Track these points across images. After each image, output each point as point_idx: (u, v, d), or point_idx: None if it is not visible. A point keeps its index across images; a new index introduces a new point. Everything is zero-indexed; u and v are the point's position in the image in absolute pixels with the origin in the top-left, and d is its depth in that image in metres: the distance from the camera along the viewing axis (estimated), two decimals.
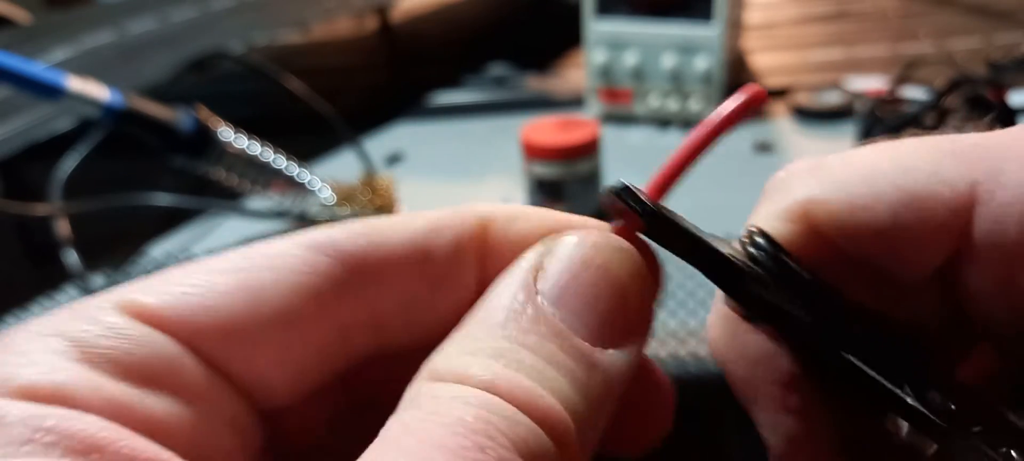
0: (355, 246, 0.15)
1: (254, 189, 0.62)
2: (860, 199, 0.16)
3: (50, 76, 0.49)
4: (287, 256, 0.15)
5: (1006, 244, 0.15)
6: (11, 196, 0.63)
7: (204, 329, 0.14)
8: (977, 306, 0.16)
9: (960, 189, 0.15)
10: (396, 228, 0.16)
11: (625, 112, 0.84)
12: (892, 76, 0.79)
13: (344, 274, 0.15)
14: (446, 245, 0.16)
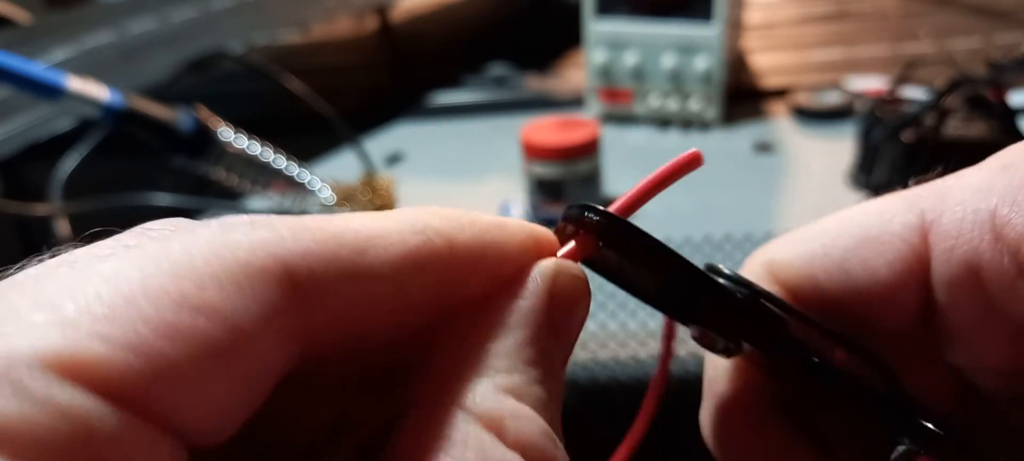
0: (331, 273, 0.13)
1: (254, 189, 0.62)
2: (816, 247, 0.17)
3: (50, 76, 0.49)
4: (247, 284, 0.12)
5: (966, 255, 0.15)
6: (11, 196, 0.63)
7: (144, 379, 0.10)
8: (962, 352, 0.16)
9: (910, 220, 0.16)
10: (374, 253, 0.13)
11: (625, 112, 0.84)
12: (892, 76, 0.79)
13: (307, 303, 0.12)
14: (391, 260, 0.14)
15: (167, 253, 0.12)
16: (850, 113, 0.79)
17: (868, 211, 0.17)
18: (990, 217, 0.15)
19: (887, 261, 0.16)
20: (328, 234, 0.13)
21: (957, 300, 0.16)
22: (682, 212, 0.65)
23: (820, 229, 0.17)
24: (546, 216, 0.64)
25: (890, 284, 0.16)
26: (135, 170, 0.68)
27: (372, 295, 0.13)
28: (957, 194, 0.16)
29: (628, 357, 0.47)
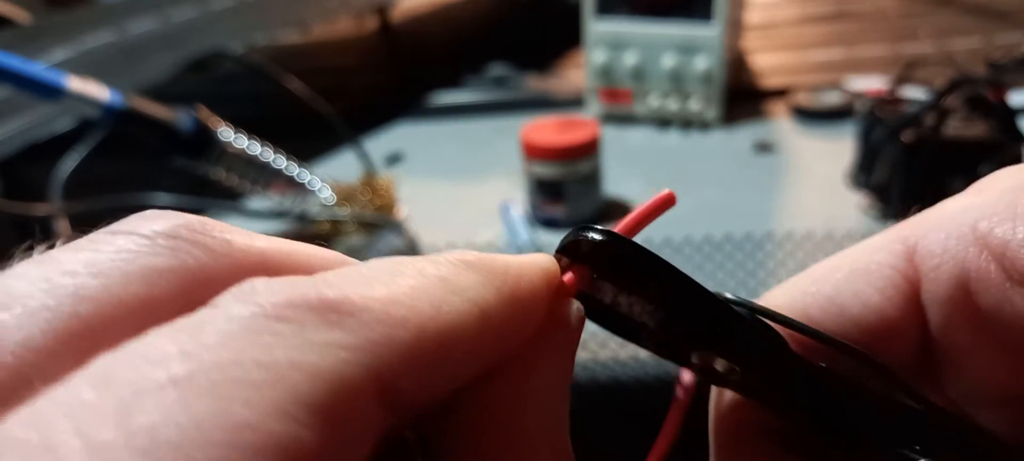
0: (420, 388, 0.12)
1: (254, 189, 0.62)
2: (804, 288, 0.17)
3: (50, 76, 0.49)
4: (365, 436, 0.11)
5: (955, 271, 0.15)
6: (11, 196, 0.63)
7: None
8: (964, 377, 0.16)
9: (895, 247, 0.16)
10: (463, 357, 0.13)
11: (625, 112, 0.84)
12: (892, 76, 0.79)
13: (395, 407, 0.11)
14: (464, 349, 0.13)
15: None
16: (850, 113, 0.79)
17: (854, 249, 0.17)
18: (972, 230, 0.15)
19: (877, 288, 0.16)
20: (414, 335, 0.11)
21: (950, 319, 0.16)
22: (682, 212, 0.65)
23: (809, 273, 0.18)
24: (546, 216, 0.64)
25: (884, 311, 0.16)
26: (135, 170, 0.68)
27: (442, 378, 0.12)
28: (937, 217, 0.16)
29: (628, 357, 0.47)
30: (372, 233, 0.61)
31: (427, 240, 0.62)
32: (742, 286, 0.53)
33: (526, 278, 0.14)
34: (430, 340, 0.12)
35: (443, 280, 0.13)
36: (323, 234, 0.62)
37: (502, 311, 0.13)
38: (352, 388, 0.10)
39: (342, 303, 0.11)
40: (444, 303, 0.12)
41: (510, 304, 0.13)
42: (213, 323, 0.10)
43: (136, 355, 0.09)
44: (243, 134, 0.60)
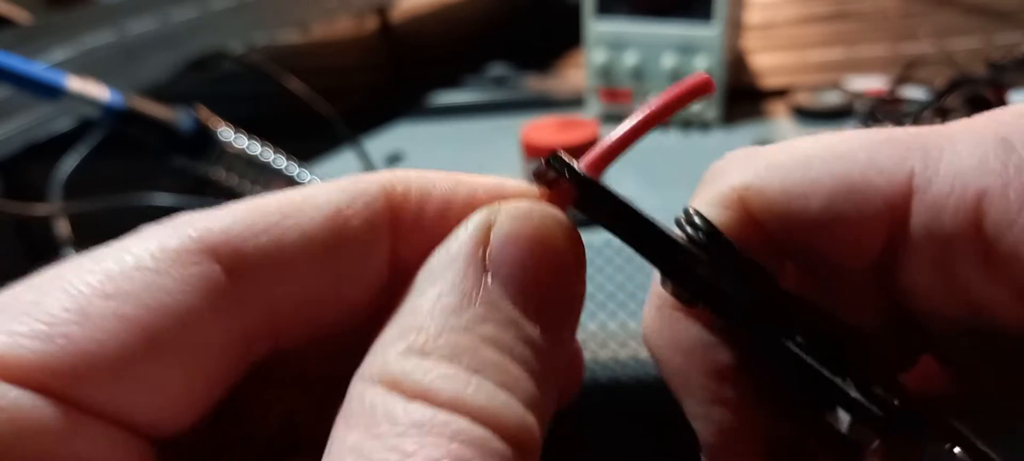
0: (254, 247, 0.13)
1: (254, 189, 0.61)
2: (796, 186, 0.16)
3: (50, 76, 0.49)
4: (174, 271, 0.12)
5: (942, 233, 0.14)
6: (11, 196, 0.63)
7: (82, 378, 0.11)
8: (916, 302, 0.16)
9: (897, 178, 0.15)
10: (297, 215, 0.13)
11: (625, 112, 0.84)
12: (892, 76, 0.79)
13: (242, 281, 0.12)
14: (356, 232, 0.14)
15: (103, 254, 0.12)
16: (850, 113, 0.79)
17: (857, 154, 0.15)
18: (976, 200, 0.14)
19: (864, 215, 0.15)
20: (248, 207, 0.13)
21: (920, 265, 0.15)
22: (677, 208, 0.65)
23: (804, 161, 0.16)
24: None
25: (858, 237, 0.16)
26: (135, 170, 0.68)
27: (305, 265, 0.13)
28: (948, 163, 0.14)
29: (628, 357, 0.47)
30: None
31: None
32: None
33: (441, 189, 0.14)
34: (267, 215, 0.13)
35: (333, 182, 0.14)
36: None
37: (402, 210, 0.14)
38: (172, 245, 0.12)
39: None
40: (303, 192, 0.14)
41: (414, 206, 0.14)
42: None
43: None
44: (243, 134, 0.60)
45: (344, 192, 0.14)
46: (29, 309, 0.11)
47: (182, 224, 0.12)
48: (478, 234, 0.13)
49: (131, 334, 0.11)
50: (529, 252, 0.13)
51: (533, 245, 0.13)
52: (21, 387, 0.10)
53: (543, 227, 0.13)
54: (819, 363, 0.15)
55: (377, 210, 0.14)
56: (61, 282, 0.12)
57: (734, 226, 0.16)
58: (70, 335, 0.11)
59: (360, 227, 0.13)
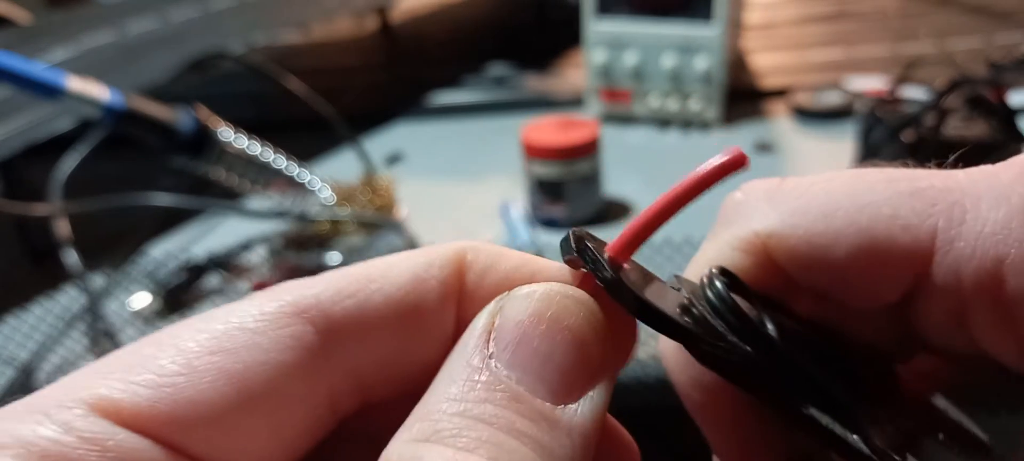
0: (342, 310, 0.14)
1: (254, 189, 0.62)
2: (819, 238, 0.16)
3: (50, 76, 0.49)
4: (270, 332, 0.13)
5: (960, 292, 0.15)
6: (11, 196, 0.63)
7: (188, 425, 0.12)
8: (928, 332, 0.16)
9: (920, 235, 0.15)
10: (380, 281, 0.14)
11: (625, 112, 0.84)
12: (892, 76, 0.79)
13: (331, 342, 0.14)
14: (432, 298, 0.15)
15: (213, 315, 0.14)
16: (850, 113, 0.79)
17: (880, 208, 0.15)
18: (997, 266, 0.14)
19: (885, 271, 0.15)
20: (338, 274, 0.14)
21: (937, 317, 0.16)
22: (682, 212, 0.65)
23: (823, 206, 0.16)
24: (546, 216, 0.64)
25: (878, 288, 0.16)
26: (135, 170, 0.68)
27: (386, 326, 0.14)
28: (971, 226, 0.14)
29: None
30: (372, 233, 0.61)
31: (427, 240, 0.62)
32: None
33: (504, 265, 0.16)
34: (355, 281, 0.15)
35: (414, 251, 0.15)
36: (323, 234, 0.62)
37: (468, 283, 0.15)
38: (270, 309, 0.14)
39: None
40: (388, 259, 0.15)
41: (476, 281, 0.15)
42: None
43: None
44: (243, 134, 0.60)
45: (422, 259, 0.15)
46: (145, 362, 0.13)
47: (280, 290, 0.14)
48: (487, 321, 0.14)
49: (230, 386, 0.13)
50: (532, 330, 0.14)
51: (536, 324, 0.14)
52: (130, 430, 0.12)
53: (549, 305, 0.14)
54: (834, 411, 0.16)
55: (449, 274, 0.15)
56: (175, 339, 0.13)
57: (755, 271, 0.17)
58: (177, 386, 0.12)
59: (435, 291, 0.15)
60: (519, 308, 0.14)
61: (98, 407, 0.12)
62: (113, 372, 0.12)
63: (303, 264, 0.60)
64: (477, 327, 0.14)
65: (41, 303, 0.59)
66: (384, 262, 0.15)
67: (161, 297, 0.58)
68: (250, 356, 0.13)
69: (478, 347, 0.14)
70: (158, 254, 0.63)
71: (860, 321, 0.17)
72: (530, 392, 0.13)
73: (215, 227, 0.69)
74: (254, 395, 0.13)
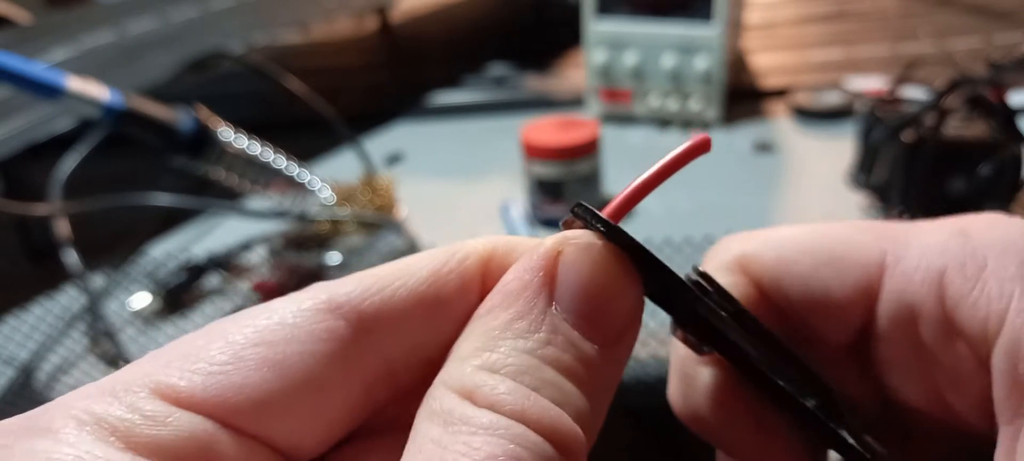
0: (371, 305, 0.15)
1: (254, 189, 0.61)
2: (787, 254, 0.19)
3: (50, 76, 0.49)
4: (307, 326, 0.15)
5: (910, 303, 0.18)
6: (11, 196, 0.63)
7: (237, 407, 0.14)
8: (890, 378, 0.19)
9: (872, 256, 0.18)
10: (404, 277, 0.16)
11: (625, 112, 0.84)
12: (892, 76, 0.79)
13: (362, 334, 0.15)
14: (453, 287, 0.16)
15: (256, 312, 0.15)
16: (850, 113, 0.79)
17: (839, 234, 0.19)
18: (939, 276, 0.17)
19: (845, 283, 0.18)
20: (367, 274, 0.16)
21: (892, 334, 0.18)
22: (682, 212, 0.65)
23: (794, 237, 0.20)
24: (546, 216, 0.64)
25: (841, 303, 0.19)
26: (135, 170, 0.68)
27: (411, 316, 0.16)
28: (916, 248, 0.18)
29: None
30: (372, 233, 0.61)
31: (427, 240, 0.62)
32: None
33: (518, 247, 0.17)
34: (381, 278, 0.16)
35: (436, 250, 0.17)
36: (323, 234, 0.62)
37: (489, 266, 0.17)
38: (306, 305, 0.16)
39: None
40: (412, 257, 0.17)
41: (495, 263, 0.17)
42: None
43: None
44: (243, 134, 0.60)
45: (442, 255, 0.17)
46: (198, 352, 0.15)
47: (316, 288, 0.16)
48: (547, 262, 0.15)
49: (272, 373, 0.14)
50: (591, 281, 0.15)
51: (594, 275, 0.15)
52: (189, 411, 0.14)
53: (602, 258, 0.16)
54: (808, 403, 0.18)
55: (469, 266, 0.16)
56: (224, 333, 0.15)
57: (736, 288, 0.20)
58: (226, 372, 0.14)
59: (454, 283, 0.16)
60: (580, 259, 0.15)
61: (158, 391, 0.14)
62: (171, 362, 0.14)
63: (303, 264, 0.60)
64: (536, 265, 0.15)
65: (41, 303, 0.59)
66: (410, 259, 0.17)
67: (161, 297, 0.58)
68: (289, 348, 0.15)
69: (541, 292, 0.15)
70: (158, 254, 0.63)
71: (839, 379, 0.20)
72: (584, 337, 0.15)
73: (215, 227, 0.69)
74: (295, 381, 0.14)
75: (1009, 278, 0.16)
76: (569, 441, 0.14)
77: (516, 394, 0.14)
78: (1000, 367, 0.16)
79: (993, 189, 0.54)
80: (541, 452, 0.13)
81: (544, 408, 0.14)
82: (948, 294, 0.17)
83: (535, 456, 0.13)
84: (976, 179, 0.54)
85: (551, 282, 0.15)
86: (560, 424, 0.14)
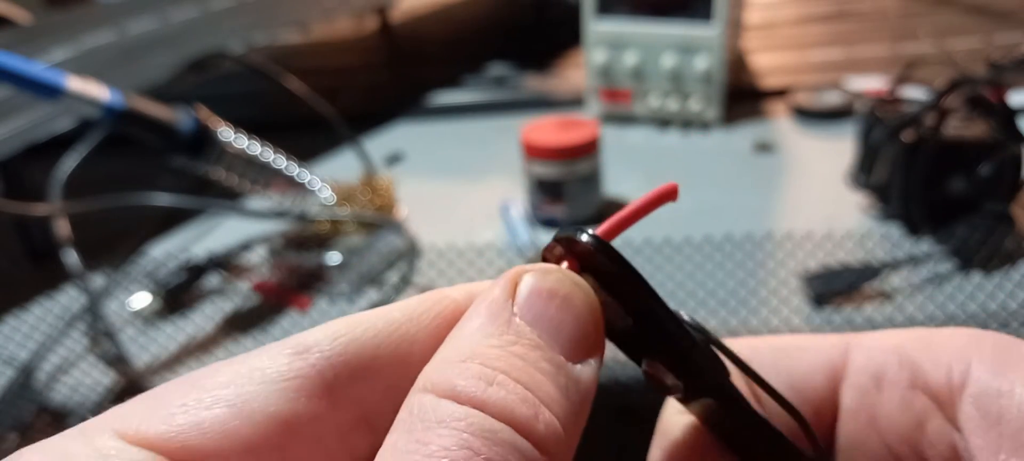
0: (339, 348, 0.16)
1: (254, 189, 0.62)
2: (756, 345, 0.21)
3: (50, 76, 0.49)
4: (275, 369, 0.15)
5: (876, 371, 0.19)
6: (11, 196, 0.63)
7: (200, 448, 0.14)
8: (854, 456, 0.20)
9: (835, 341, 0.20)
10: (374, 321, 0.16)
11: (625, 112, 0.84)
12: (892, 76, 0.79)
13: (331, 378, 0.15)
14: (427, 331, 0.16)
15: (231, 362, 0.15)
16: (850, 113, 0.79)
17: (806, 336, 0.21)
18: (899, 346, 0.19)
19: (810, 363, 0.20)
20: (338, 322, 0.16)
21: (859, 407, 0.19)
22: (682, 212, 0.65)
23: (762, 339, 0.21)
24: (546, 216, 0.64)
25: (809, 383, 0.20)
26: (135, 170, 0.68)
27: (380, 361, 0.16)
28: (877, 335, 0.20)
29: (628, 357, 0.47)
30: (372, 233, 0.61)
31: (427, 240, 0.62)
32: (742, 286, 0.53)
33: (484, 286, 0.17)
34: (359, 323, 0.16)
35: (404, 302, 0.17)
36: (323, 234, 0.62)
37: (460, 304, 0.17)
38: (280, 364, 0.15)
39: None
40: (398, 304, 0.17)
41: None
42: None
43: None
44: (243, 134, 0.60)
45: (416, 301, 0.17)
46: (167, 396, 0.15)
47: (288, 341, 0.16)
48: (508, 286, 0.16)
49: (235, 415, 0.14)
50: (548, 299, 0.16)
51: (551, 294, 0.16)
52: (149, 450, 0.14)
53: (559, 281, 0.16)
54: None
55: (443, 310, 0.17)
56: (194, 382, 0.15)
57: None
58: (188, 413, 0.14)
59: (428, 326, 0.16)
60: (535, 282, 0.16)
61: (119, 431, 0.14)
62: (138, 404, 0.15)
63: (303, 264, 0.60)
64: (498, 292, 0.16)
65: (41, 303, 0.59)
66: (388, 306, 0.17)
67: (161, 297, 0.58)
68: (255, 389, 0.15)
69: (503, 308, 0.15)
70: (158, 254, 0.63)
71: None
72: (551, 349, 0.15)
73: (215, 227, 0.69)
74: (260, 425, 0.14)
75: (964, 342, 0.18)
76: (543, 431, 0.14)
77: (476, 380, 0.14)
78: (971, 418, 0.17)
79: (993, 189, 0.54)
80: (504, 442, 0.13)
81: (508, 392, 0.14)
82: (911, 359, 0.18)
83: (495, 446, 0.13)
84: (976, 179, 0.54)
85: (513, 293, 0.16)
86: (528, 411, 0.14)
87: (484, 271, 0.58)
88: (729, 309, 0.51)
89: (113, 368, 0.51)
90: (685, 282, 0.53)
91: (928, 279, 0.52)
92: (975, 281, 0.51)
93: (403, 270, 0.59)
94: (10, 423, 0.48)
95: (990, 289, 0.50)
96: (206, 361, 0.52)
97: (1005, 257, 0.52)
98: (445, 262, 0.59)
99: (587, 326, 0.16)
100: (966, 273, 0.52)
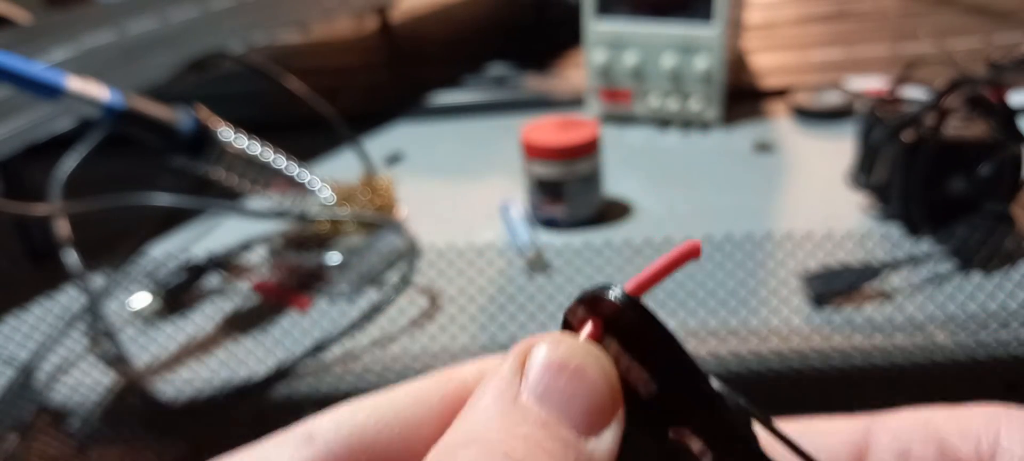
0: (344, 437, 0.16)
1: (254, 189, 0.61)
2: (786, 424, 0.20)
3: (50, 76, 0.49)
4: (284, 453, 0.16)
5: (903, 445, 0.19)
6: (11, 196, 0.63)
7: None
8: None
9: (858, 423, 0.19)
10: (381, 409, 0.16)
11: (625, 112, 0.84)
12: (892, 76, 0.79)
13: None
14: (433, 415, 0.16)
15: (250, 450, 0.16)
16: (850, 113, 0.79)
17: (822, 419, 0.20)
18: (927, 419, 0.18)
19: (832, 447, 0.19)
20: (346, 408, 0.16)
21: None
22: (682, 212, 0.65)
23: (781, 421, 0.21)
24: (546, 216, 0.64)
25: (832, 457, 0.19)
26: (135, 170, 0.68)
27: (392, 446, 0.16)
28: (899, 412, 0.19)
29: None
30: (372, 233, 0.61)
31: (427, 240, 0.62)
32: (742, 286, 0.53)
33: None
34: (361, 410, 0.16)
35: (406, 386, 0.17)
36: (323, 234, 0.62)
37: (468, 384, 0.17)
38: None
39: None
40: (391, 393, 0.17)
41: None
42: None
43: None
44: (243, 134, 0.60)
45: (425, 380, 0.17)
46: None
47: (296, 430, 0.16)
48: (516, 362, 0.16)
49: None
50: (558, 372, 0.15)
51: (561, 367, 0.15)
52: None
53: (570, 352, 0.16)
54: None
55: (452, 390, 0.17)
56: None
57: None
58: None
59: (437, 406, 0.17)
60: (545, 356, 0.16)
61: None
62: None
63: (303, 264, 0.60)
64: (505, 372, 0.16)
65: (41, 303, 0.59)
66: (391, 391, 0.17)
67: (161, 297, 0.58)
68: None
69: (511, 382, 0.15)
70: (158, 254, 0.63)
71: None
72: (560, 425, 0.15)
73: (215, 227, 0.69)
74: None
75: (991, 413, 0.18)
76: None
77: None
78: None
79: (993, 189, 0.54)
80: None
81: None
82: (937, 433, 0.18)
83: None
84: (976, 179, 0.54)
85: (522, 368, 0.15)
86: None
87: (484, 271, 0.58)
88: (729, 309, 0.51)
89: (113, 368, 0.51)
90: (685, 282, 0.53)
91: (928, 279, 0.52)
92: (975, 281, 0.51)
93: (403, 270, 0.59)
94: (10, 423, 0.48)
95: (990, 289, 0.50)
96: (206, 361, 0.52)
97: (1005, 257, 0.52)
98: (445, 262, 0.59)
99: (602, 397, 0.16)
100: (966, 273, 0.52)
